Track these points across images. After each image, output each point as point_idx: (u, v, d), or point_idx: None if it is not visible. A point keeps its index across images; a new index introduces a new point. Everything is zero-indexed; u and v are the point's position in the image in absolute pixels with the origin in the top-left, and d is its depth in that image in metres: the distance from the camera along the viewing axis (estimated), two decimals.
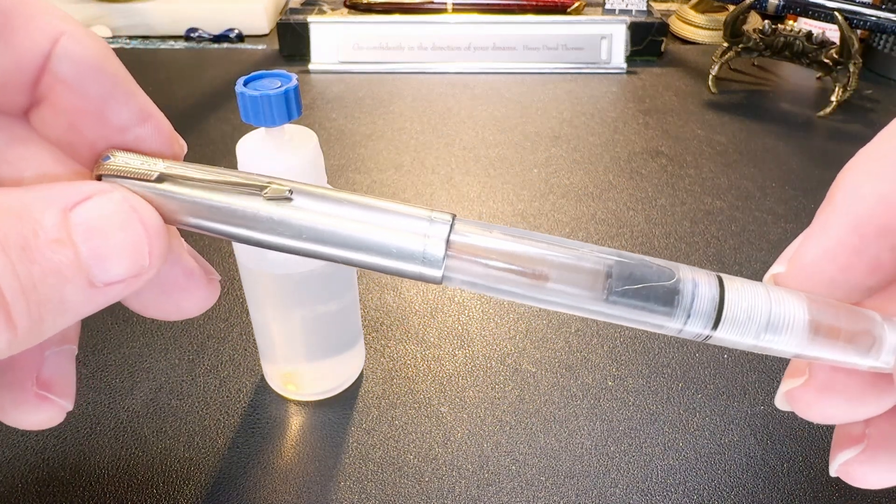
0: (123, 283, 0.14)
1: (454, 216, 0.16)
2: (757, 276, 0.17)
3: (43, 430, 0.32)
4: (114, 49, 0.16)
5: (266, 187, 0.15)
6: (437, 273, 0.16)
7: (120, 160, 0.15)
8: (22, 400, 0.16)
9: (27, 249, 0.13)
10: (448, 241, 0.15)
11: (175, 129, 0.17)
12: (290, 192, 0.15)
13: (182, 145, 0.17)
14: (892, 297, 0.16)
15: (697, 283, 0.16)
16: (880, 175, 0.15)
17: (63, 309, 0.13)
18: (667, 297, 0.15)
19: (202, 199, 0.15)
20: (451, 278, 0.16)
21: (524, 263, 0.16)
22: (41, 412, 0.16)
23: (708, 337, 0.16)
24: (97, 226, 0.14)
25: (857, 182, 0.15)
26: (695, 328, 0.16)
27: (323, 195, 0.16)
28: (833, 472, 0.18)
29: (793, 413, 0.17)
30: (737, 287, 0.16)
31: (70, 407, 0.17)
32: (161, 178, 0.15)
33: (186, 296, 0.17)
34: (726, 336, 0.16)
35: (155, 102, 0.17)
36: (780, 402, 0.18)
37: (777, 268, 0.17)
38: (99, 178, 0.16)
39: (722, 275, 0.16)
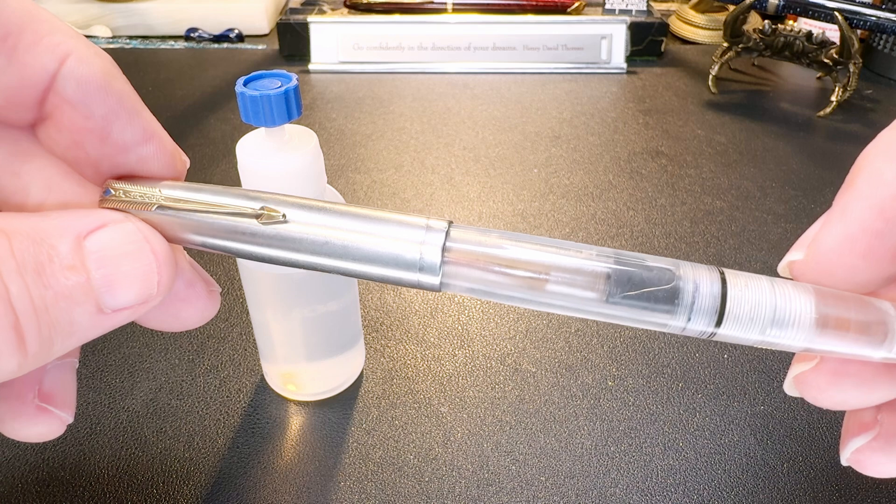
0: (130, 310, 0.15)
1: (450, 223, 0.16)
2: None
3: None
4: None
5: (260, 214, 0.16)
6: (434, 280, 0.16)
7: (120, 193, 0.16)
8: (22, 412, 0.16)
9: (42, 274, 0.13)
10: (444, 247, 0.15)
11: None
12: (284, 215, 0.16)
13: (185, 162, 0.18)
14: None
15: (699, 281, 0.15)
16: None
17: (71, 332, 0.14)
18: (668, 297, 0.15)
19: (203, 220, 0.16)
20: (450, 285, 0.16)
21: (522, 267, 0.15)
22: (41, 424, 0.16)
23: (713, 334, 0.16)
24: (110, 254, 0.14)
25: (879, 164, 0.15)
26: (698, 326, 0.15)
27: (319, 208, 0.16)
28: (844, 461, 0.17)
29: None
30: (740, 283, 0.15)
31: (70, 419, 0.17)
32: (159, 209, 0.16)
33: (187, 307, 0.17)
34: (731, 333, 0.15)
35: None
36: (789, 387, 0.17)
37: (794, 255, 0.16)
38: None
39: (726, 270, 0.16)
